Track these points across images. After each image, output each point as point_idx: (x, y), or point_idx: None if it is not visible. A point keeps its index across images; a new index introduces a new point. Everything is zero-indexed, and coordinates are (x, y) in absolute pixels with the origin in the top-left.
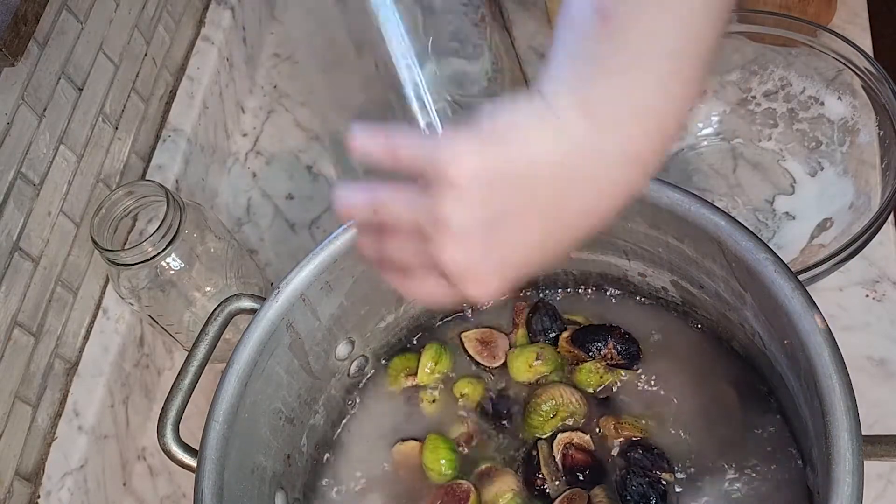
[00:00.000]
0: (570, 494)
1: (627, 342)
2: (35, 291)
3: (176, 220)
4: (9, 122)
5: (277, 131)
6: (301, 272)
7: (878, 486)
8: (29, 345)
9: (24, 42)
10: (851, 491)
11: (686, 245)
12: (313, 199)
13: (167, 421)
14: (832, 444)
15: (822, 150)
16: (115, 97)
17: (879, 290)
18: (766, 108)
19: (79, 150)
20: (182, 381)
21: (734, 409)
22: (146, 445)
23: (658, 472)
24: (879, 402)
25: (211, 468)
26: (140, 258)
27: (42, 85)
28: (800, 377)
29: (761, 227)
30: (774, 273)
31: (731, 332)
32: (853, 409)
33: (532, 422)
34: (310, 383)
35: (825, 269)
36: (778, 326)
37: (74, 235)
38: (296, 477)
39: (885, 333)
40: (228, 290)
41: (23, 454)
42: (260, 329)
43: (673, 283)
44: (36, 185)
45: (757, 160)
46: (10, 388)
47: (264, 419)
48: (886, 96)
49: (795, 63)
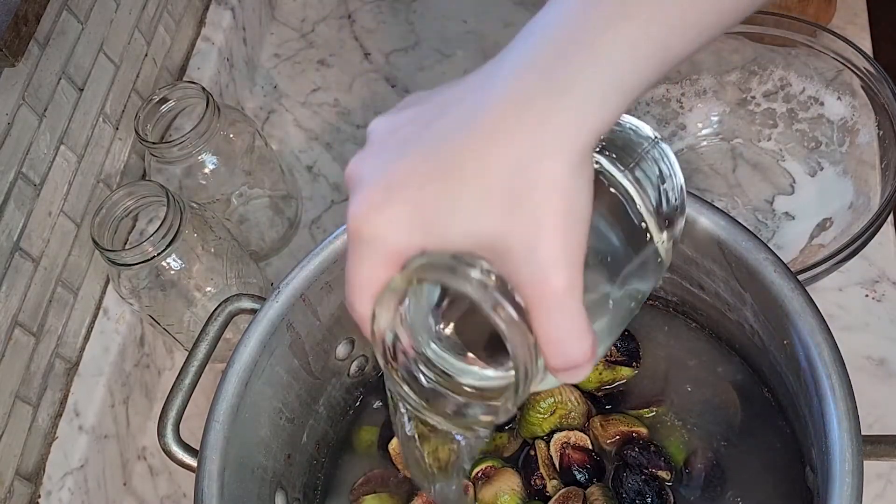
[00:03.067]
0: (567, 493)
1: (627, 340)
2: (35, 291)
3: (176, 220)
4: (9, 122)
5: (277, 131)
6: (301, 272)
7: (878, 486)
8: (29, 345)
9: (25, 42)
10: (851, 491)
11: (685, 245)
12: (313, 199)
13: (167, 421)
14: (832, 445)
15: (822, 150)
16: (116, 97)
17: (879, 290)
18: (766, 109)
19: (79, 150)
20: (182, 381)
21: (733, 408)
22: (146, 445)
23: (654, 470)
24: (879, 402)
25: (211, 468)
26: (140, 258)
27: (42, 85)
28: (799, 377)
29: (761, 227)
30: (774, 273)
31: (730, 332)
32: (853, 409)
33: (530, 419)
34: (310, 383)
35: (825, 269)
36: (777, 326)
37: (75, 235)
38: (296, 477)
39: (885, 333)
40: (229, 290)
41: (23, 454)
42: (260, 329)
43: (672, 282)
44: (36, 186)
45: (756, 160)
46: (11, 388)
47: (265, 419)
48: (886, 96)
49: (795, 63)
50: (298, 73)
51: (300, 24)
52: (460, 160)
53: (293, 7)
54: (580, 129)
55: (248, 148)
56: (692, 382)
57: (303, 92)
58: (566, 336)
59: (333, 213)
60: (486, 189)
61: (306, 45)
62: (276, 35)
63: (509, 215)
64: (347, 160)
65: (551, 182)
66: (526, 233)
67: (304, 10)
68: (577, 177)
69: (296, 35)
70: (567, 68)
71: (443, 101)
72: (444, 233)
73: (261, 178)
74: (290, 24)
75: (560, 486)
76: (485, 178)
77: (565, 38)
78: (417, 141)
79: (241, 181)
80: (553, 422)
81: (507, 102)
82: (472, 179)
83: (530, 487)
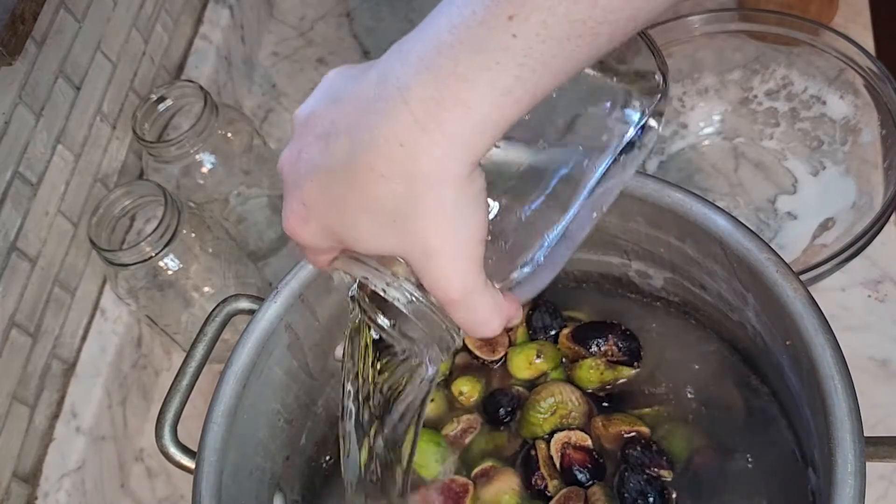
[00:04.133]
0: (568, 493)
1: (628, 339)
2: (32, 292)
3: (174, 220)
4: (6, 121)
5: (276, 131)
6: (300, 272)
7: (881, 488)
8: (26, 345)
9: (22, 41)
10: (853, 493)
11: (687, 245)
12: None
13: (165, 422)
14: (834, 446)
15: (824, 149)
16: (113, 96)
17: (882, 290)
18: (768, 108)
19: (76, 149)
20: (180, 382)
21: (735, 409)
22: (144, 447)
23: (656, 470)
24: (882, 403)
25: (209, 470)
26: (138, 258)
27: (40, 84)
28: (802, 378)
29: (763, 227)
30: (776, 273)
31: (732, 333)
32: (855, 410)
33: (531, 419)
34: (309, 384)
35: (827, 269)
36: (780, 327)
37: (72, 235)
38: (295, 478)
39: (888, 334)
40: (227, 291)
41: (20, 455)
42: (258, 330)
43: (674, 283)
44: (33, 185)
45: (759, 159)
46: (8, 389)
47: (263, 420)
48: (888, 95)
49: (797, 62)
50: (297, 71)
51: (299, 23)
52: (354, 190)
53: (292, 5)
54: (459, 160)
55: (247, 147)
56: (694, 382)
57: (301, 91)
58: (474, 324)
59: None
60: (379, 217)
61: (305, 44)
62: (275, 33)
63: (403, 237)
64: None
65: (435, 210)
66: (419, 253)
67: (302, 9)
68: (460, 201)
69: (294, 33)
70: (444, 105)
71: (348, 109)
72: (355, 246)
73: (259, 178)
74: (289, 23)
75: (561, 486)
76: (376, 209)
77: (448, 67)
78: (321, 162)
79: (239, 181)
80: (554, 422)
81: (394, 131)
82: (365, 210)
83: (531, 487)
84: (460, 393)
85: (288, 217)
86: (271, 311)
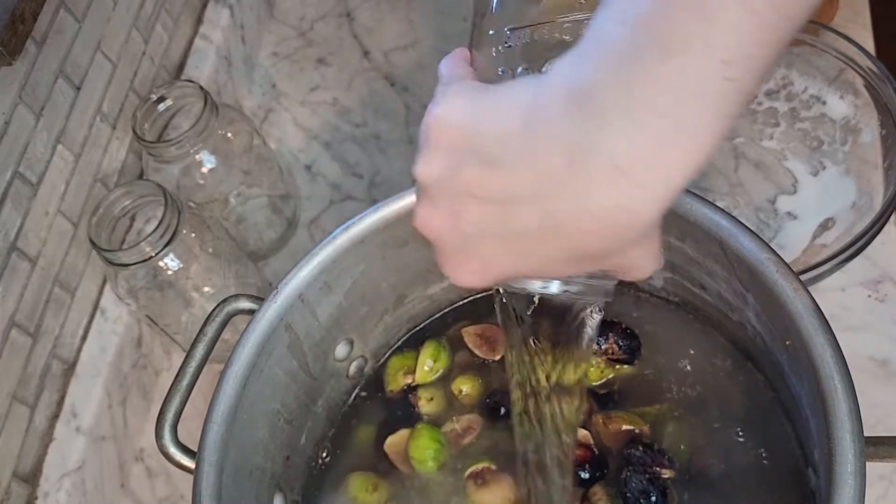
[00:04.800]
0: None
1: (629, 337)
2: (32, 292)
3: (174, 220)
4: (6, 121)
5: (276, 131)
6: (300, 272)
7: (881, 488)
8: (26, 345)
9: (22, 41)
10: (853, 493)
11: (687, 245)
12: (312, 199)
13: (165, 422)
14: (834, 446)
15: (824, 149)
16: (113, 96)
17: (882, 290)
18: (768, 108)
19: (76, 149)
20: (180, 382)
21: (735, 409)
22: (144, 447)
23: (658, 469)
24: (882, 403)
25: (209, 470)
26: (138, 258)
27: (40, 84)
28: (802, 378)
29: (763, 227)
30: (776, 273)
31: (732, 332)
32: (855, 410)
33: None
34: (309, 384)
35: (827, 269)
36: (780, 327)
37: (72, 235)
38: (295, 478)
39: (888, 334)
40: (227, 291)
41: (20, 455)
42: (258, 330)
43: (674, 282)
44: (34, 185)
45: (759, 159)
46: (8, 389)
47: (263, 420)
48: (889, 95)
49: (797, 62)
50: (297, 71)
51: (299, 23)
52: (551, 247)
53: (292, 5)
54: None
55: (247, 147)
56: (694, 381)
57: (301, 91)
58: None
59: (332, 213)
60: (582, 261)
61: (305, 44)
62: (275, 33)
63: (601, 263)
64: (346, 159)
65: (644, 244)
66: (618, 267)
67: (302, 8)
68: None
69: (294, 33)
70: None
71: (527, 177)
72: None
73: (259, 178)
74: (289, 23)
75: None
76: (580, 256)
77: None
78: (502, 229)
79: (239, 181)
80: None
81: (611, 196)
82: (566, 259)
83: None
84: (460, 392)
85: (463, 276)
86: (271, 311)
